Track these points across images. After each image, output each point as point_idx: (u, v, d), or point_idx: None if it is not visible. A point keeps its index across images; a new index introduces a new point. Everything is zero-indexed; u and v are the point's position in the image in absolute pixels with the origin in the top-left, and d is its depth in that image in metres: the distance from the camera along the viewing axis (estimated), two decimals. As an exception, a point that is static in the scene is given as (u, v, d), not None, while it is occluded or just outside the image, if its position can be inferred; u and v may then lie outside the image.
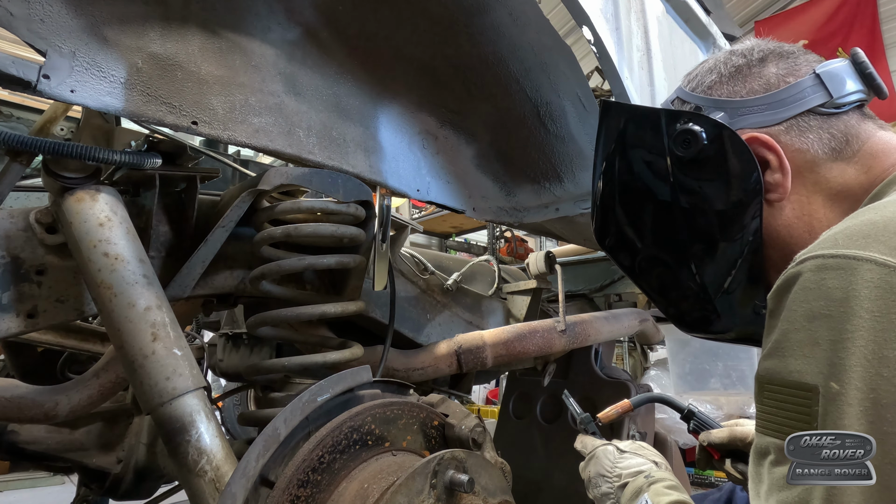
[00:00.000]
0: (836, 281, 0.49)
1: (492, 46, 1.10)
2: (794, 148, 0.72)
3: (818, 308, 0.50)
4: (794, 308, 0.52)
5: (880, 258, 0.48)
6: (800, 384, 0.50)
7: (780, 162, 0.71)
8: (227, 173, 2.47)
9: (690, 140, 0.73)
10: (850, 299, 0.48)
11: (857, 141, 0.71)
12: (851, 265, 0.49)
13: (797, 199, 0.72)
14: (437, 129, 1.32)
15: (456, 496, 0.74)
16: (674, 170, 0.75)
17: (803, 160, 0.71)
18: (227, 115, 0.95)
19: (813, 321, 0.50)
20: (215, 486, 0.78)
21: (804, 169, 0.72)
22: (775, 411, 0.52)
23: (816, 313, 0.50)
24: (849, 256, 0.50)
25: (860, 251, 0.49)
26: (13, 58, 0.74)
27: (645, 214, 0.82)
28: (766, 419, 0.53)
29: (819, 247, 0.53)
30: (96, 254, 0.86)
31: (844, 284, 0.49)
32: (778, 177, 0.72)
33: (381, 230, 1.21)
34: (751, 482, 0.56)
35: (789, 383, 0.51)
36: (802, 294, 0.52)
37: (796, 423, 0.50)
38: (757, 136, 0.72)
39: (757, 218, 0.72)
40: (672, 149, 0.74)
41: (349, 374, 0.86)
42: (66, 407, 1.31)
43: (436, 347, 1.55)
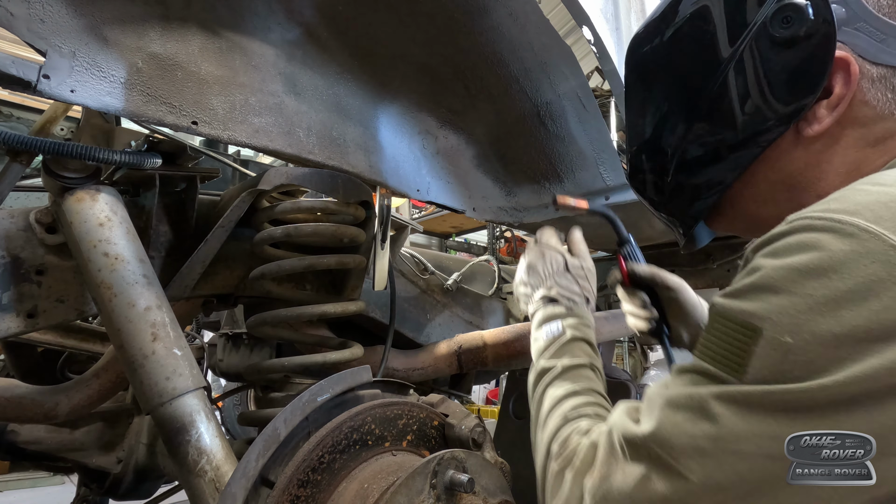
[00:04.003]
0: (840, 244, 0.48)
1: (492, 46, 1.10)
2: (865, 99, 0.63)
3: (809, 264, 0.49)
4: (785, 257, 0.51)
5: (887, 236, 0.46)
6: (749, 325, 0.50)
7: (840, 103, 0.63)
8: (227, 173, 2.47)
9: (792, 17, 0.63)
10: (848, 265, 0.46)
11: None
12: (857, 234, 0.47)
13: (824, 147, 0.66)
14: (437, 129, 1.32)
15: (456, 496, 0.74)
16: (748, 48, 0.67)
17: (863, 115, 0.63)
18: (227, 115, 0.95)
19: (800, 275, 0.49)
20: (215, 486, 0.78)
21: (856, 123, 0.64)
22: (717, 341, 0.53)
23: (807, 269, 0.49)
24: (857, 226, 0.47)
25: (871, 224, 0.47)
26: (13, 58, 0.74)
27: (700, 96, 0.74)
28: (705, 345, 0.55)
29: (828, 210, 0.51)
30: (96, 254, 0.86)
31: (848, 249, 0.47)
32: (824, 113, 0.65)
33: (381, 230, 1.21)
34: (660, 384, 0.59)
35: (742, 322, 0.51)
36: (797, 247, 0.50)
37: (730, 357, 0.51)
38: (848, 60, 0.62)
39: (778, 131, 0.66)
40: (767, 22, 0.65)
41: (349, 374, 0.86)
42: (66, 407, 1.31)
43: (436, 347, 1.55)
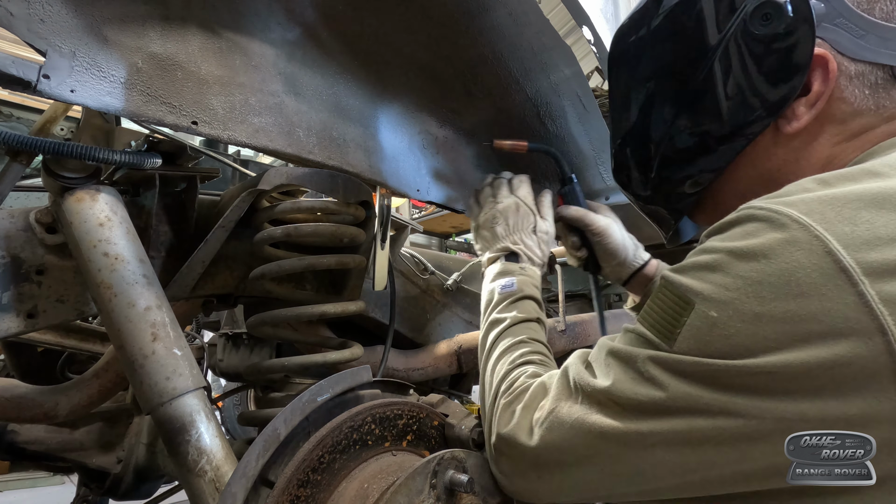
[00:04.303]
0: (773, 233, 0.50)
1: (492, 46, 1.10)
2: (843, 96, 0.63)
3: (744, 248, 0.52)
4: (727, 241, 0.54)
5: (820, 231, 0.48)
6: (685, 298, 0.55)
7: (818, 100, 0.64)
8: (227, 173, 2.47)
9: (771, 15, 0.64)
10: (776, 251, 0.49)
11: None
12: (788, 224, 0.50)
13: (802, 144, 0.67)
14: (437, 129, 1.32)
15: (456, 496, 0.74)
16: (729, 45, 0.67)
17: (840, 112, 0.64)
18: (227, 115, 0.95)
19: (735, 258, 0.52)
20: (215, 486, 0.78)
21: (834, 120, 0.64)
22: (657, 310, 0.58)
23: (741, 252, 0.52)
24: (790, 217, 0.50)
25: (802, 216, 0.49)
26: (13, 58, 0.74)
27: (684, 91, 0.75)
28: (647, 311, 0.59)
29: (770, 201, 0.53)
30: (96, 254, 0.86)
31: (779, 237, 0.50)
32: (803, 111, 0.65)
33: (381, 230, 1.21)
34: (609, 337, 0.66)
35: (680, 294, 0.55)
36: (740, 234, 0.53)
37: (665, 325, 0.56)
38: (827, 57, 0.62)
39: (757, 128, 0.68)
40: (747, 18, 0.65)
41: (349, 374, 0.86)
42: (66, 407, 1.31)
43: (436, 347, 1.55)
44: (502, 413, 0.74)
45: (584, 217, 1.13)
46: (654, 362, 0.56)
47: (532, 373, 0.78)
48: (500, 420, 0.74)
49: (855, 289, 0.45)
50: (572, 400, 0.64)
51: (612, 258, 1.14)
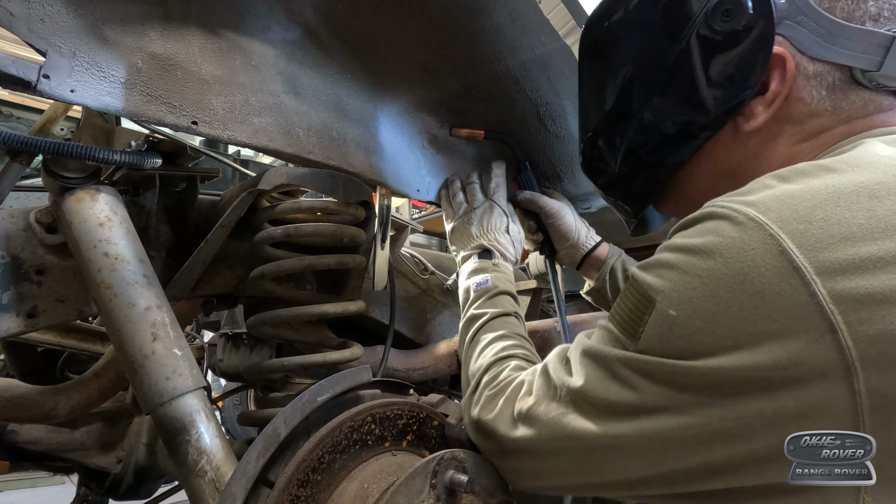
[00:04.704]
0: (731, 231, 0.51)
1: (492, 46, 1.10)
2: (800, 96, 0.64)
3: (702, 246, 0.52)
4: (688, 238, 0.55)
5: (775, 230, 0.48)
6: (647, 296, 0.55)
7: (775, 100, 0.64)
8: (227, 173, 2.47)
9: (732, 11, 0.63)
10: (732, 250, 0.50)
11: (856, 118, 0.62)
12: (745, 223, 0.50)
13: (760, 142, 0.67)
14: (437, 129, 1.32)
15: (456, 496, 0.74)
16: (690, 41, 0.68)
17: (798, 112, 0.64)
18: (227, 115, 0.95)
19: (694, 256, 0.53)
20: (215, 486, 0.78)
21: (791, 120, 0.65)
22: (625, 307, 0.59)
23: (699, 250, 0.52)
24: (747, 215, 0.50)
25: (758, 214, 0.50)
26: (13, 58, 0.74)
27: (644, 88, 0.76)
28: (616, 307, 0.60)
29: (730, 199, 0.54)
30: (96, 254, 0.86)
31: (735, 236, 0.50)
32: (760, 110, 0.66)
33: (381, 230, 1.21)
34: (585, 333, 0.67)
35: (643, 292, 0.56)
36: (700, 231, 0.54)
37: (630, 323, 0.57)
38: (785, 56, 0.62)
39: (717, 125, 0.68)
40: (708, 14, 0.65)
41: (349, 374, 0.86)
42: (66, 407, 1.31)
43: (436, 347, 1.55)
44: (486, 403, 0.77)
45: (537, 200, 1.19)
46: (621, 362, 0.57)
47: (516, 366, 0.80)
48: (483, 408, 0.77)
49: (807, 289, 0.45)
50: (550, 397, 0.65)
51: (565, 240, 1.20)
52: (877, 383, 0.44)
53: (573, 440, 0.61)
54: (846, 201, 0.48)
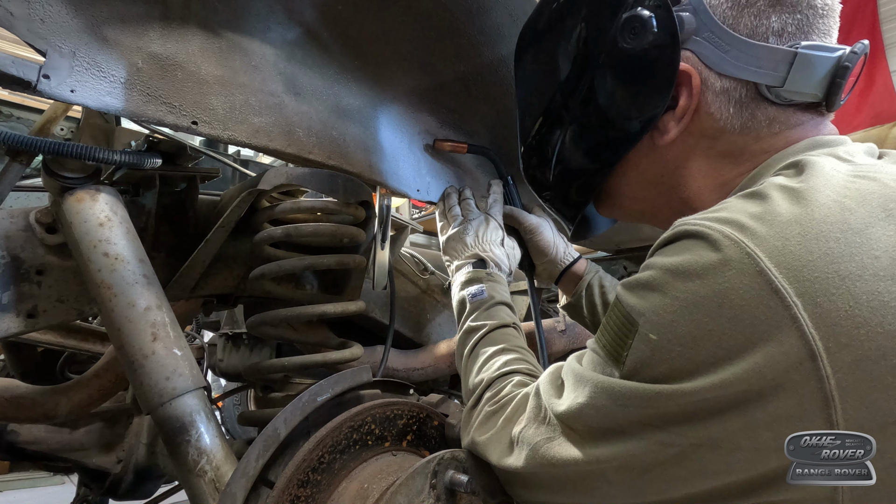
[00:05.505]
0: (708, 251, 0.50)
1: (492, 47, 1.10)
2: (710, 111, 0.65)
3: (680, 266, 0.52)
4: (667, 257, 0.54)
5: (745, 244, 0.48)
6: (630, 318, 0.55)
7: (685, 115, 0.66)
8: (227, 173, 2.47)
9: (637, 29, 0.65)
10: (710, 270, 0.49)
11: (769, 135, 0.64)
12: (721, 242, 0.50)
13: (677, 155, 0.69)
14: (437, 129, 1.32)
15: (456, 496, 0.74)
16: (605, 57, 0.70)
17: (709, 127, 0.66)
18: (227, 115, 0.95)
19: (673, 277, 0.52)
20: (215, 486, 0.78)
21: (703, 135, 0.66)
22: (610, 329, 0.58)
23: (677, 271, 0.52)
24: (723, 234, 0.50)
25: (735, 233, 0.49)
26: (13, 58, 0.74)
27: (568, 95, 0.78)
28: (602, 329, 0.60)
29: (705, 218, 0.53)
30: (96, 254, 0.86)
31: (713, 256, 0.50)
32: (672, 125, 0.67)
33: (381, 230, 1.21)
34: (577, 356, 0.66)
35: (626, 314, 0.55)
36: (677, 250, 0.53)
37: (615, 347, 0.56)
38: (691, 72, 0.64)
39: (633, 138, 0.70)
40: (617, 32, 0.67)
41: (349, 374, 0.86)
42: (66, 407, 1.32)
43: (436, 347, 1.56)
44: (484, 420, 0.76)
45: (517, 215, 1.19)
46: (606, 389, 0.56)
47: (518, 381, 0.79)
48: (480, 426, 0.76)
49: (788, 312, 0.46)
50: (538, 421, 0.65)
51: (544, 255, 1.20)
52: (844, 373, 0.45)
53: (556, 467, 0.61)
54: (815, 226, 0.48)
